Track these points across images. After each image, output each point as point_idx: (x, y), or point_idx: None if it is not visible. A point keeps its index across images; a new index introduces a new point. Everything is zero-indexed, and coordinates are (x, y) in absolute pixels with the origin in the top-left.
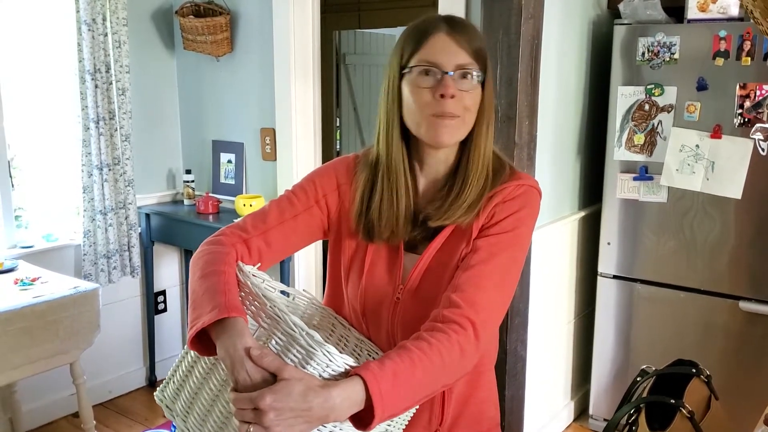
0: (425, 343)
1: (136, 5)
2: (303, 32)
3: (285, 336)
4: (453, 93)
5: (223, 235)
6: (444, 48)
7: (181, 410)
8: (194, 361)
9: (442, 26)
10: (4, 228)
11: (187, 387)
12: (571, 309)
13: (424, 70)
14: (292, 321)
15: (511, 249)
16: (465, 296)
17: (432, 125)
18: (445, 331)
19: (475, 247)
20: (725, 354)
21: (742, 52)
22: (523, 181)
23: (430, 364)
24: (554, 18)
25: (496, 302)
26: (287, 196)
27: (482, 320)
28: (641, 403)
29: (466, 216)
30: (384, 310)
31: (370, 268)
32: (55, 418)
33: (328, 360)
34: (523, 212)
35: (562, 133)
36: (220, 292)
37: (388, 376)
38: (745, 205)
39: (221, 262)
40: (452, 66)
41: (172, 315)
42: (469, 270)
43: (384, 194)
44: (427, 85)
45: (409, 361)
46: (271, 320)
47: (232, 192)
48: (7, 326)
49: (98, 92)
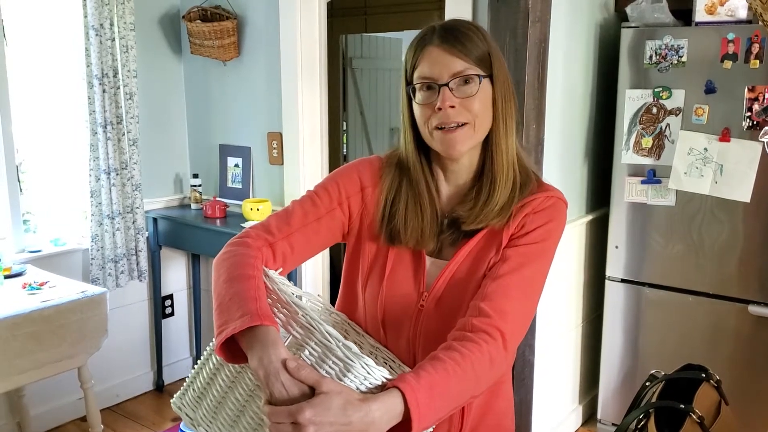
0: (458, 354)
1: (144, 10)
2: (310, 36)
3: (319, 346)
4: (450, 104)
5: (249, 237)
6: (437, 60)
7: (204, 419)
8: (217, 369)
9: (435, 39)
10: (13, 232)
11: (210, 395)
12: (579, 313)
13: (425, 85)
14: (327, 331)
15: (539, 260)
16: (494, 306)
17: (439, 139)
18: (475, 341)
19: (504, 256)
20: (735, 358)
21: (751, 54)
22: (551, 193)
23: (463, 375)
24: (561, 21)
25: (523, 313)
26: (310, 197)
27: (510, 331)
28: (650, 408)
29: (499, 218)
30: (406, 317)
31: (391, 274)
32: (63, 423)
33: (366, 372)
34: (551, 224)
35: (569, 136)
36: (250, 298)
37: (424, 388)
38: (753, 209)
39: (249, 266)
40: (447, 76)
41: (180, 319)
42: (498, 279)
43: (409, 203)
44: (427, 101)
45: (443, 372)
46: (303, 330)
47: (239, 196)
48: (15, 331)
49: (106, 97)
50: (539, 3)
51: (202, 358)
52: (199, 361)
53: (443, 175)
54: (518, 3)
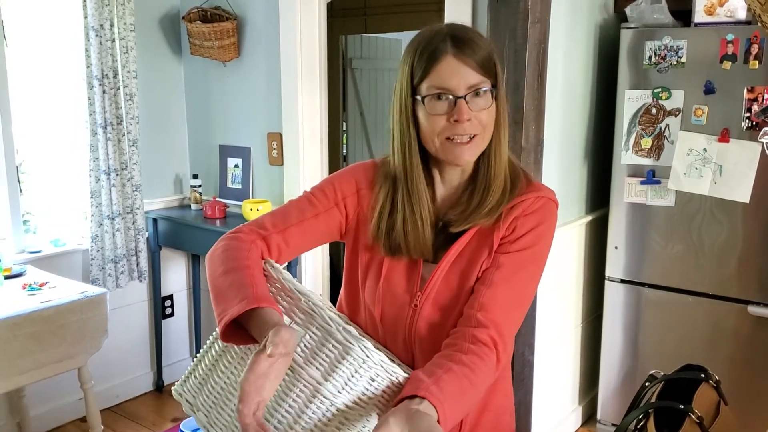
0: (469, 370)
1: (144, 11)
2: (309, 37)
3: (320, 331)
4: (468, 117)
5: (241, 231)
6: (454, 72)
7: (204, 404)
8: (219, 356)
9: (449, 48)
10: (13, 233)
11: (212, 381)
12: (579, 313)
13: (437, 95)
14: (329, 316)
15: (532, 265)
16: (491, 317)
17: (450, 149)
18: (479, 355)
19: (497, 263)
20: (734, 358)
21: (750, 55)
22: (542, 193)
23: (475, 392)
24: (561, 22)
25: (516, 320)
26: (306, 197)
27: (504, 343)
28: (650, 409)
29: (486, 219)
30: (401, 317)
31: (387, 274)
32: (63, 423)
33: (365, 356)
34: (542, 227)
35: (569, 137)
36: (247, 284)
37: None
38: (753, 209)
39: (244, 258)
40: (464, 89)
41: (180, 319)
42: (493, 288)
43: (407, 215)
44: (441, 112)
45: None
46: (305, 315)
47: (239, 197)
48: (15, 331)
49: (106, 97)
50: (539, 4)
51: (205, 346)
52: (202, 350)
53: (440, 177)
54: (518, 4)
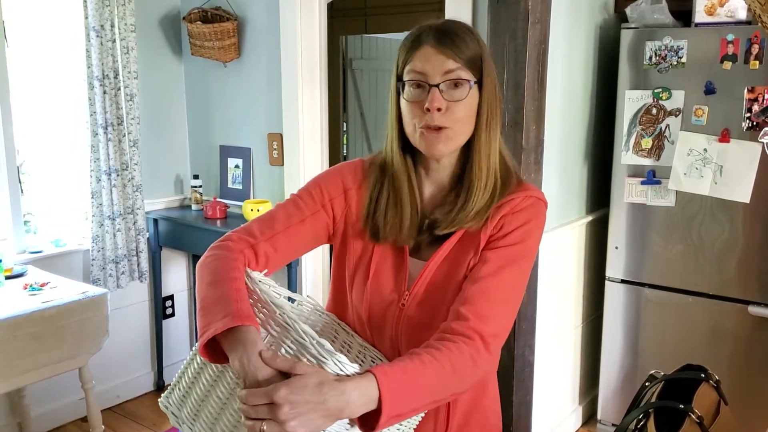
0: (434, 349)
1: (144, 11)
2: (310, 37)
3: (295, 344)
4: (439, 106)
5: (230, 240)
6: (430, 59)
7: (188, 417)
8: (201, 368)
9: (430, 38)
10: (14, 233)
11: (194, 394)
12: (579, 313)
13: (416, 83)
14: (303, 329)
15: (519, 262)
16: (474, 309)
17: (422, 138)
18: (454, 341)
19: (484, 258)
20: (734, 359)
21: (750, 55)
22: (530, 193)
23: (440, 369)
24: (561, 22)
25: (504, 314)
26: (293, 200)
27: (492, 333)
28: (650, 408)
29: (473, 222)
30: (389, 316)
31: (376, 273)
32: (64, 423)
33: (339, 369)
34: (530, 225)
35: (569, 137)
36: (232, 300)
37: (398, 373)
38: (753, 209)
39: (231, 269)
40: (439, 76)
41: (180, 320)
42: (478, 282)
43: (390, 199)
44: (417, 99)
45: (419, 362)
46: (281, 328)
47: (239, 197)
48: (16, 331)
49: (106, 98)
50: (539, 4)
51: (188, 358)
52: (185, 362)
53: (425, 173)
54: (518, 4)
